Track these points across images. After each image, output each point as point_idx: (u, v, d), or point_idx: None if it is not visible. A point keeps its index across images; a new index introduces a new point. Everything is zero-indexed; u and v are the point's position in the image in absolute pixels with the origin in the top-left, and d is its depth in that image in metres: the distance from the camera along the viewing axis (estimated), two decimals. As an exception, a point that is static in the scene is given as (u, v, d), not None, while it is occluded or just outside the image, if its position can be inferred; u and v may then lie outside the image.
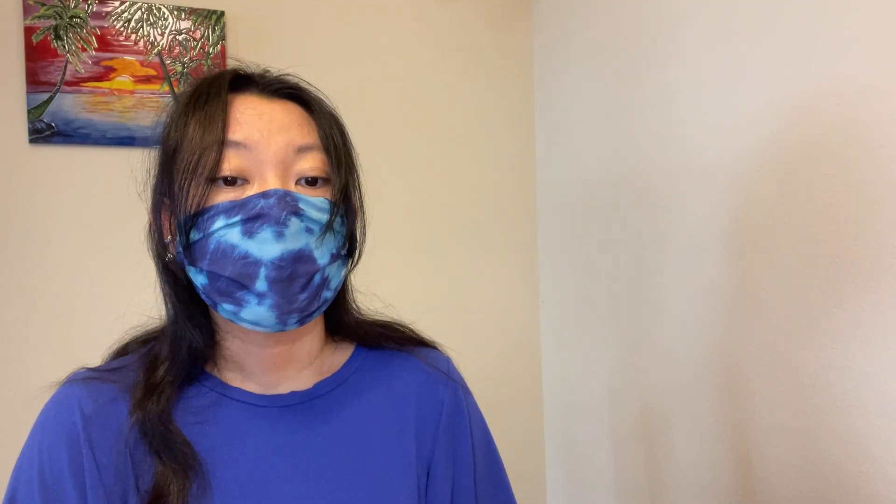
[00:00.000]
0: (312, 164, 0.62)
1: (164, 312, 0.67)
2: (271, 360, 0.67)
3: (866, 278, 0.90)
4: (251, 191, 0.60)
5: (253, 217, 0.58)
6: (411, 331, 0.78)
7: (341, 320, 0.73)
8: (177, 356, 0.65)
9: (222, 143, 0.59)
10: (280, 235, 0.58)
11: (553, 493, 1.74)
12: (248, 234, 0.58)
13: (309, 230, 0.60)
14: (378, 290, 0.76)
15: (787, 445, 1.03)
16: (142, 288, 0.71)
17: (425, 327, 0.79)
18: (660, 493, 1.32)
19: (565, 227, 1.65)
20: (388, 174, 1.63)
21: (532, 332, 1.77)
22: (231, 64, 0.68)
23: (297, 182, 0.62)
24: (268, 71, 0.67)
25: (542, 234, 1.76)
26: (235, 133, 0.60)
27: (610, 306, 1.47)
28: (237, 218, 0.58)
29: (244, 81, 0.65)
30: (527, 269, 1.77)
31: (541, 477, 1.76)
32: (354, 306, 0.75)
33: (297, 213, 0.59)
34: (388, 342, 0.75)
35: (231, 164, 0.59)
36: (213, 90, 0.62)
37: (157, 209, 0.64)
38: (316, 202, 0.61)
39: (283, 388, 0.68)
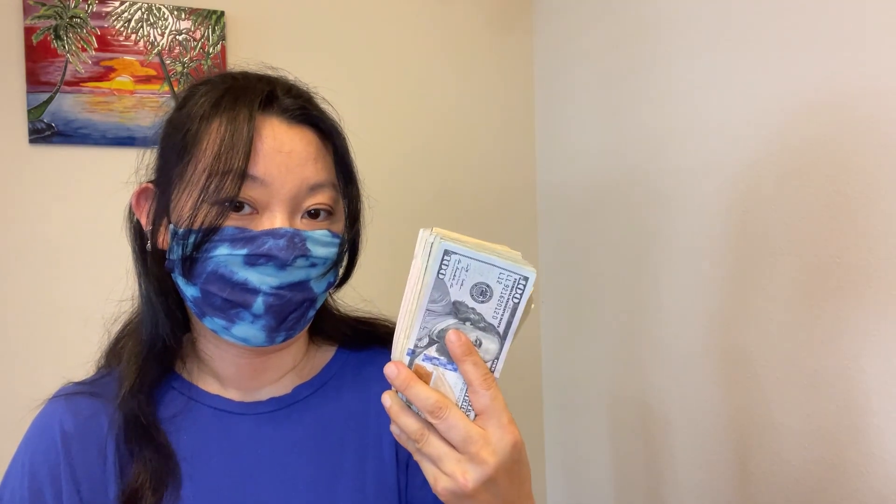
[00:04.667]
0: (322, 199, 0.62)
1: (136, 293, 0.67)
2: (251, 367, 0.67)
3: (866, 278, 0.90)
4: (258, 221, 0.59)
5: (259, 254, 0.58)
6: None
7: (323, 322, 0.73)
8: (151, 346, 0.64)
9: (243, 176, 0.58)
10: (282, 269, 0.59)
11: (553, 493, 1.74)
12: (251, 265, 0.58)
13: (313, 265, 0.61)
14: (377, 290, 0.76)
15: (787, 445, 1.03)
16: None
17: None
18: (660, 493, 1.32)
19: (565, 227, 1.65)
20: (387, 174, 1.63)
21: (532, 332, 1.77)
22: (254, 68, 0.66)
23: (302, 215, 0.62)
24: (284, 77, 0.66)
25: (542, 234, 1.76)
26: (256, 166, 0.59)
27: (610, 306, 1.47)
28: (243, 251, 0.58)
29: (269, 100, 0.63)
30: (527, 269, 1.76)
31: (541, 477, 1.76)
32: (334, 308, 0.75)
33: (304, 255, 0.60)
34: (371, 342, 0.75)
35: (245, 194, 0.59)
36: (240, 104, 0.60)
37: (145, 195, 0.64)
38: (321, 238, 0.61)
39: (263, 395, 0.68)
